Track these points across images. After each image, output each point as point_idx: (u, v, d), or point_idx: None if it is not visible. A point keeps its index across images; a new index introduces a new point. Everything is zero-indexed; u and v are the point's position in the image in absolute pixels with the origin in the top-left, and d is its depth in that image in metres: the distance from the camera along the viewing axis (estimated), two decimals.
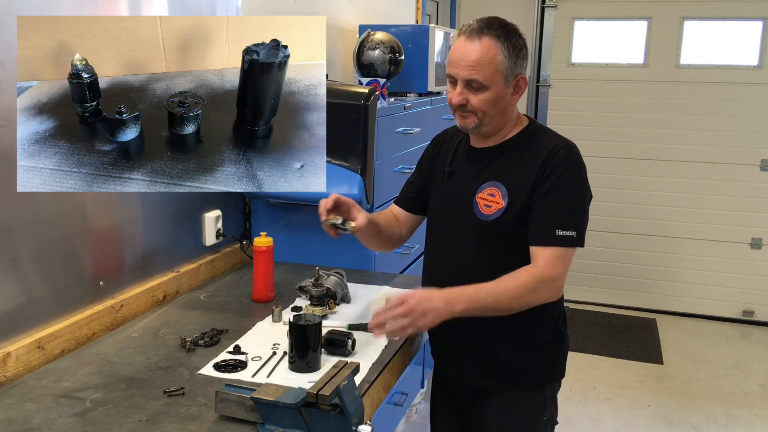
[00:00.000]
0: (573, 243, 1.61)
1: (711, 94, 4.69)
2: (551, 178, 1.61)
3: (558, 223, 1.60)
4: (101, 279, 1.81)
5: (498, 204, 1.66)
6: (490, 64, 1.59)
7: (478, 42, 1.59)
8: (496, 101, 1.63)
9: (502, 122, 1.69)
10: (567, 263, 1.62)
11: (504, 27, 1.62)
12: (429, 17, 4.59)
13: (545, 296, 1.62)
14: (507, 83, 1.63)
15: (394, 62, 2.80)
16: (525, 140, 1.70)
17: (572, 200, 1.63)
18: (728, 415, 3.59)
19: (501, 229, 1.65)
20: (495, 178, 1.68)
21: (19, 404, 1.39)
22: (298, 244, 2.39)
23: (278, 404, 1.26)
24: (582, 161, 1.67)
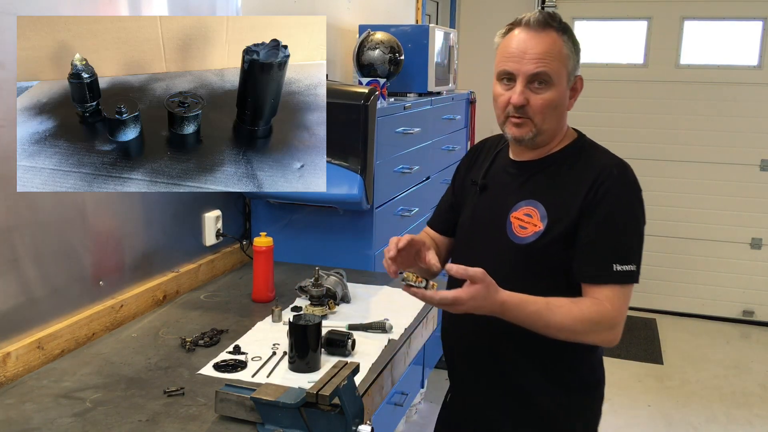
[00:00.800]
0: (633, 279, 1.42)
1: (711, 94, 4.69)
2: (604, 204, 1.42)
3: (616, 257, 1.41)
4: (101, 279, 1.81)
5: (535, 226, 1.47)
6: (557, 58, 1.44)
7: (543, 34, 1.44)
8: (557, 103, 1.46)
9: (556, 130, 1.51)
10: (627, 304, 1.43)
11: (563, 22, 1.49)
12: (429, 17, 4.59)
13: (603, 339, 1.43)
14: (569, 83, 1.48)
15: (394, 62, 2.80)
16: (572, 156, 1.51)
17: (630, 230, 1.44)
18: (728, 415, 3.59)
19: (536, 255, 1.46)
20: (533, 196, 1.49)
21: (19, 404, 1.39)
22: (298, 244, 2.39)
23: (278, 404, 1.26)
24: (638, 183, 1.48)
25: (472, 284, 1.33)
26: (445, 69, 3.35)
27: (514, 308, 1.37)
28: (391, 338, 1.74)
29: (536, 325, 1.40)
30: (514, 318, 1.39)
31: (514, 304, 1.37)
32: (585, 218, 1.43)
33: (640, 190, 1.48)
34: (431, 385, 3.74)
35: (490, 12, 5.00)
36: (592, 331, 1.40)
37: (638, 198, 1.47)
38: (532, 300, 1.38)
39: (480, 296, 1.33)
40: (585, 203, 1.43)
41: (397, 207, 2.61)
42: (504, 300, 1.36)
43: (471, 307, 1.35)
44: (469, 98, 3.85)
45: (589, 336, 1.42)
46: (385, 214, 2.46)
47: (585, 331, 1.40)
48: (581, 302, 1.41)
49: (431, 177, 3.09)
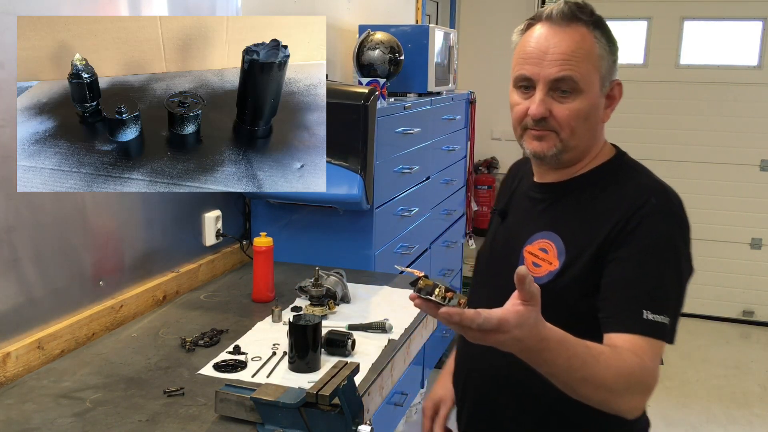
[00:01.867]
0: (664, 336, 1.12)
1: (711, 94, 4.70)
2: (637, 237, 1.14)
3: (646, 302, 1.11)
4: (101, 279, 1.81)
5: (549, 264, 1.21)
6: (586, 58, 1.18)
7: (569, 29, 1.19)
8: (588, 114, 1.20)
9: (588, 146, 1.25)
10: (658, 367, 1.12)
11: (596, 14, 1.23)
12: (429, 17, 4.59)
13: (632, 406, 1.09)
14: (603, 90, 1.22)
15: (394, 62, 2.80)
16: (604, 178, 1.25)
17: (668, 272, 1.14)
18: (728, 415, 3.59)
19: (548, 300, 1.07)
20: (551, 227, 1.24)
21: (19, 404, 1.39)
22: (298, 244, 2.39)
23: (278, 404, 1.26)
24: (684, 216, 1.19)
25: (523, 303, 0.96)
26: (445, 69, 3.35)
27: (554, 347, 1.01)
28: (391, 338, 1.74)
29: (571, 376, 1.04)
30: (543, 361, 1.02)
31: (556, 342, 1.01)
32: (612, 253, 1.16)
33: (686, 226, 1.19)
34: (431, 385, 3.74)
35: (490, 12, 5.00)
36: (628, 390, 1.07)
37: (682, 235, 1.17)
38: (574, 341, 1.03)
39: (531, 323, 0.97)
40: (612, 235, 1.16)
41: (397, 207, 2.61)
42: (546, 336, 0.99)
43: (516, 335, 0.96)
44: (469, 98, 3.85)
45: (624, 398, 1.07)
46: (385, 214, 2.46)
47: (621, 390, 1.06)
48: (623, 352, 1.08)
49: (431, 177, 3.09)
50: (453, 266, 3.71)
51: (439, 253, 3.33)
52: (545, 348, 1.00)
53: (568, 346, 1.02)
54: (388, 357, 1.65)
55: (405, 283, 2.18)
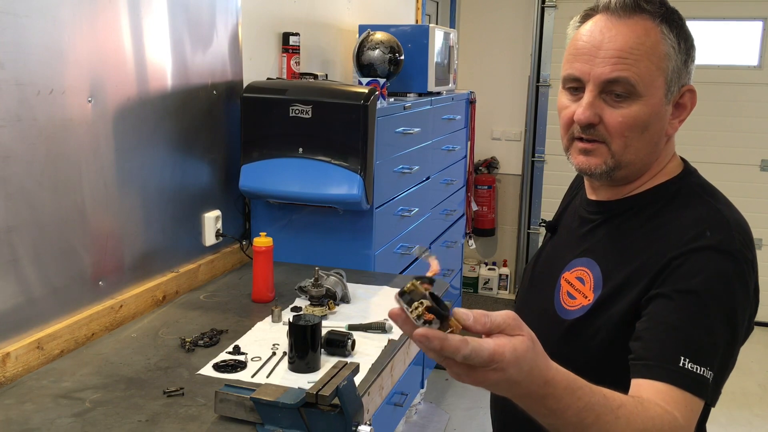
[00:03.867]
0: (704, 391, 0.93)
1: (711, 94, 4.69)
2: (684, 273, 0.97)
3: (686, 349, 0.92)
4: (101, 279, 1.80)
5: (585, 298, 1.06)
6: (648, 56, 1.00)
7: (630, 22, 1.01)
8: (647, 123, 1.03)
9: (648, 161, 1.08)
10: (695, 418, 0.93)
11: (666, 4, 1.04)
12: (429, 17, 4.59)
13: None
14: (669, 95, 1.04)
15: (393, 62, 2.80)
16: (660, 201, 1.08)
17: (718, 315, 0.95)
18: (728, 415, 3.59)
19: (584, 337, 1.04)
20: (592, 253, 1.09)
21: (19, 404, 1.39)
22: (298, 244, 2.39)
23: (278, 404, 1.26)
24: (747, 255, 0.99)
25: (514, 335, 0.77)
26: (445, 69, 3.35)
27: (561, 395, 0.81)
28: (390, 338, 1.74)
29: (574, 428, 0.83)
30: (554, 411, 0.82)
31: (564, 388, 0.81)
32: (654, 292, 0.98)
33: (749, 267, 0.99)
34: (431, 385, 3.75)
35: (490, 12, 5.00)
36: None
37: (740, 277, 0.97)
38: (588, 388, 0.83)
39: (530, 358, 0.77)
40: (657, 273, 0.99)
41: (397, 207, 2.61)
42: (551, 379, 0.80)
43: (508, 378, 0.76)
44: (469, 98, 3.85)
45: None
46: (385, 214, 2.46)
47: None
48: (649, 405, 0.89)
49: (431, 177, 3.09)
50: (453, 266, 3.71)
51: (439, 254, 3.33)
52: (550, 395, 0.81)
53: (580, 395, 0.82)
54: (388, 357, 1.65)
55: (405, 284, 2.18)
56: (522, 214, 5.25)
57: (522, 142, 5.17)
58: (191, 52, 2.09)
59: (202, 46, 2.14)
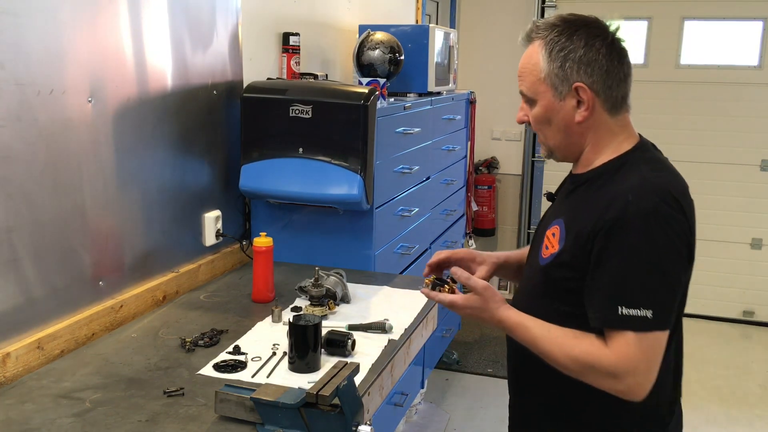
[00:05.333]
0: (646, 326, 1.20)
1: (711, 94, 4.69)
2: (612, 234, 1.22)
3: (620, 301, 1.20)
4: (101, 279, 1.80)
5: (553, 248, 1.34)
6: (531, 72, 1.32)
7: (529, 48, 1.34)
8: (549, 118, 1.33)
9: (572, 144, 1.36)
10: (647, 353, 1.20)
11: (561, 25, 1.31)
12: (429, 17, 4.59)
13: (607, 388, 1.24)
14: (559, 94, 1.31)
15: (394, 62, 2.80)
16: (606, 173, 1.33)
17: (642, 266, 1.21)
18: (728, 415, 3.59)
19: (548, 278, 1.34)
20: (563, 214, 1.36)
21: (19, 404, 1.39)
22: (298, 244, 2.39)
23: (278, 404, 1.26)
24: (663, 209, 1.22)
25: (473, 293, 1.35)
26: (445, 69, 3.35)
27: (511, 329, 1.34)
28: (391, 338, 1.74)
29: (535, 351, 1.31)
30: (515, 338, 1.35)
31: (511, 325, 1.33)
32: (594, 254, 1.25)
33: (665, 219, 1.22)
34: (431, 385, 3.75)
35: (490, 12, 5.00)
36: (586, 374, 1.25)
37: (660, 228, 1.21)
38: (531, 325, 1.31)
39: (476, 307, 1.35)
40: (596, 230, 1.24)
41: (397, 207, 2.61)
42: (501, 318, 1.34)
43: (468, 314, 1.37)
44: (469, 98, 3.85)
45: (588, 379, 1.25)
46: (385, 214, 2.46)
47: (579, 372, 1.25)
48: (581, 340, 1.26)
49: (431, 177, 3.09)
50: None
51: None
52: (504, 327, 1.35)
53: (522, 330, 1.32)
54: (388, 357, 1.65)
55: (405, 284, 2.18)
56: (522, 214, 5.25)
57: (522, 142, 5.17)
58: (191, 52, 2.09)
59: (202, 46, 2.14)
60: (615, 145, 1.36)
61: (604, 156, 1.35)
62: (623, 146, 1.37)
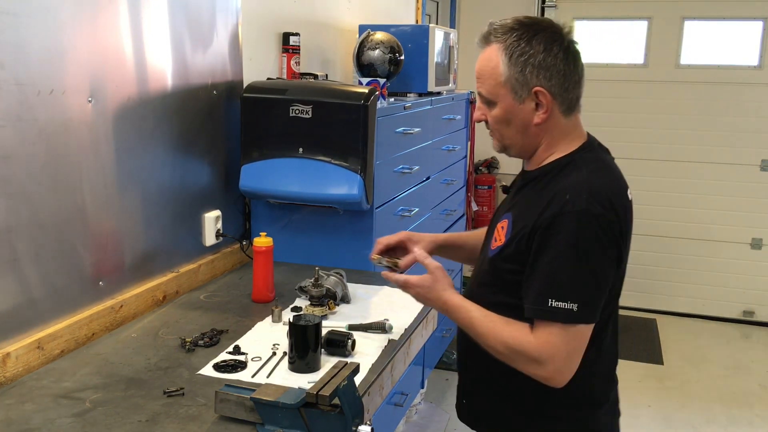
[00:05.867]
0: (571, 318, 1.28)
1: (711, 94, 4.69)
2: (548, 231, 1.31)
3: (550, 292, 1.29)
4: (101, 279, 1.80)
5: (500, 240, 1.41)
6: (491, 76, 1.37)
7: (486, 50, 1.39)
8: (508, 119, 1.38)
9: (528, 144, 1.42)
10: (569, 344, 1.30)
11: (519, 29, 1.36)
12: (429, 17, 4.59)
13: (532, 372, 1.33)
14: (518, 98, 1.36)
15: (394, 62, 2.80)
16: (552, 172, 1.40)
17: (571, 262, 1.29)
18: (728, 415, 3.59)
19: (497, 269, 1.42)
20: (511, 209, 1.44)
21: (19, 404, 1.39)
22: (298, 244, 2.39)
23: (278, 405, 1.26)
24: (594, 209, 1.29)
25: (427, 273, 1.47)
26: (445, 69, 3.35)
27: (452, 310, 1.44)
28: (391, 338, 1.74)
29: (472, 335, 1.42)
30: (456, 321, 1.45)
31: (452, 306, 1.44)
32: (531, 246, 1.33)
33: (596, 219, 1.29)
34: (431, 385, 3.74)
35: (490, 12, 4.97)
36: (514, 358, 1.34)
37: (590, 228, 1.29)
38: (470, 308, 1.41)
39: (425, 286, 1.46)
40: (534, 229, 1.33)
41: (397, 207, 2.61)
42: (446, 299, 1.45)
43: (417, 294, 1.49)
44: (469, 98, 3.85)
45: (516, 364, 1.35)
46: (385, 214, 2.46)
47: (507, 356, 1.35)
48: (512, 326, 1.35)
49: (431, 177, 3.09)
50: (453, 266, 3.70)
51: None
52: (447, 309, 1.45)
53: (463, 312, 1.41)
54: (388, 357, 1.65)
55: None
56: None
57: None
58: (191, 52, 2.09)
59: (202, 46, 2.14)
60: (565, 144, 1.42)
61: (555, 154, 1.42)
62: (572, 145, 1.42)
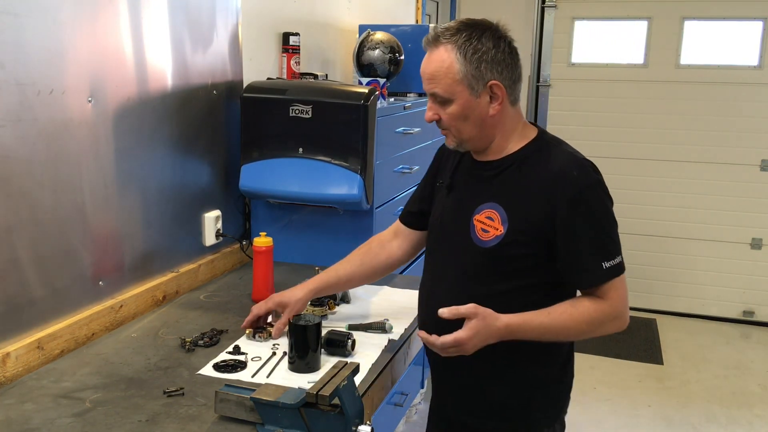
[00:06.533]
0: (621, 270, 1.46)
1: (711, 94, 4.69)
2: (579, 213, 1.42)
3: (603, 257, 1.43)
4: (101, 279, 1.80)
5: (496, 230, 1.47)
6: (447, 75, 1.43)
7: (435, 52, 1.46)
8: (466, 115, 1.45)
9: (485, 136, 1.49)
10: (624, 288, 1.47)
11: (467, 29, 1.45)
12: (429, 17, 4.59)
13: (614, 329, 1.48)
14: (474, 93, 1.44)
15: (393, 62, 2.80)
16: (532, 156, 1.49)
17: (607, 226, 1.46)
18: (728, 415, 3.59)
19: (499, 258, 1.47)
20: (495, 198, 1.49)
21: (19, 404, 1.39)
22: (298, 244, 2.39)
23: (278, 404, 1.26)
24: (598, 177, 1.46)
25: (469, 321, 1.38)
26: None
27: (518, 329, 1.42)
28: (391, 338, 1.74)
29: (545, 338, 1.45)
30: (522, 337, 1.43)
31: (517, 325, 1.42)
32: (561, 230, 1.42)
33: (601, 183, 1.47)
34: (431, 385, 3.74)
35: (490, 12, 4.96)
36: (598, 328, 1.45)
37: (605, 193, 1.47)
38: (533, 316, 1.43)
39: (482, 330, 1.39)
40: (552, 212, 1.42)
41: (397, 207, 2.61)
42: (507, 323, 1.41)
43: (477, 343, 1.40)
44: None
45: (598, 332, 1.46)
46: (385, 214, 2.46)
47: (592, 330, 1.45)
48: (580, 304, 1.45)
49: None
50: None
51: None
52: (513, 333, 1.42)
53: (530, 326, 1.42)
54: (388, 357, 1.65)
55: (405, 284, 2.18)
56: None
57: None
58: (191, 52, 2.09)
59: (202, 46, 2.14)
60: (519, 132, 1.52)
61: (516, 142, 1.51)
62: (528, 132, 1.53)
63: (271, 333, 1.70)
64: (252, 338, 1.70)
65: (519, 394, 1.55)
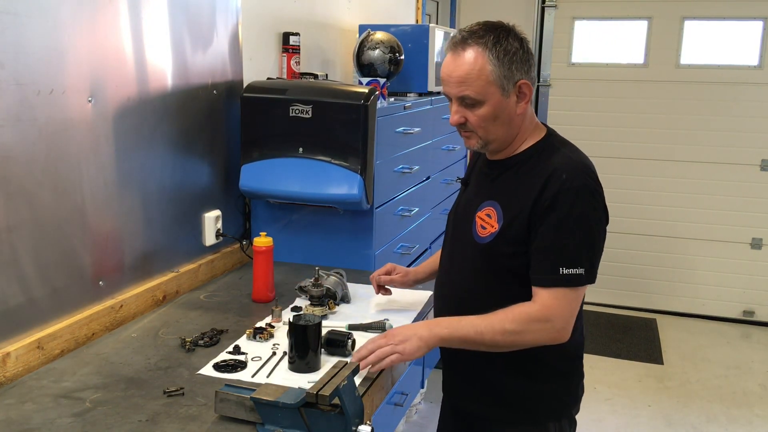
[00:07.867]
0: (580, 282, 1.44)
1: (711, 94, 4.69)
2: (552, 208, 1.43)
3: (561, 261, 1.43)
4: (101, 279, 1.80)
5: (492, 227, 1.51)
6: (480, 77, 1.45)
7: (463, 54, 1.46)
8: (496, 115, 1.48)
9: (509, 135, 1.53)
10: (572, 303, 1.46)
11: (492, 31, 1.47)
12: (429, 17, 4.59)
13: (540, 338, 1.46)
14: (505, 93, 1.47)
15: (394, 62, 2.80)
16: (533, 156, 1.52)
17: (577, 233, 1.44)
18: (728, 415, 3.59)
19: (493, 255, 1.51)
20: (494, 197, 1.54)
21: (19, 404, 1.39)
22: (298, 244, 2.39)
23: (278, 404, 1.26)
24: (590, 184, 1.46)
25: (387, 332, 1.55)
26: None
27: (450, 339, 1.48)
28: None
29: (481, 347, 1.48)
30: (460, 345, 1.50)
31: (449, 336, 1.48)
32: (536, 224, 1.45)
33: (592, 191, 1.46)
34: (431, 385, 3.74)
35: (489, 12, 4.99)
36: (520, 331, 1.45)
37: (589, 201, 1.45)
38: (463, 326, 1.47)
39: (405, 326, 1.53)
40: (535, 208, 1.45)
41: (397, 207, 2.61)
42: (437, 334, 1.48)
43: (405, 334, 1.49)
44: None
45: (519, 337, 1.45)
46: (385, 214, 2.46)
47: (519, 331, 1.45)
48: (507, 308, 1.46)
49: (431, 177, 3.09)
50: None
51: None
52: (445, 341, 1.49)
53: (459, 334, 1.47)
54: None
55: None
56: None
57: None
58: (191, 52, 2.09)
59: (202, 46, 2.14)
60: (532, 131, 1.56)
61: (527, 142, 1.55)
62: (538, 132, 1.56)
63: (271, 333, 1.70)
64: (252, 338, 1.70)
65: (524, 384, 1.58)
